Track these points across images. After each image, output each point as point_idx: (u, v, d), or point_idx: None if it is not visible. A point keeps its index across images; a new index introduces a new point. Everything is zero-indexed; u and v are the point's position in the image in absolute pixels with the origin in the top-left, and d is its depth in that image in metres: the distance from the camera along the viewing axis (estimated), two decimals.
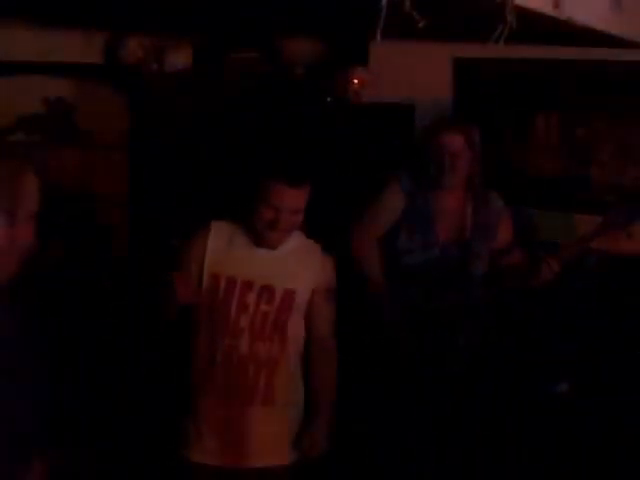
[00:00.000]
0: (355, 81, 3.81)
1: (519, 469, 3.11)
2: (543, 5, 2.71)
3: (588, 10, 2.97)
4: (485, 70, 3.79)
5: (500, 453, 3.08)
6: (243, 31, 3.78)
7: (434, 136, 2.97)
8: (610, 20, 3.15)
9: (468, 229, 2.98)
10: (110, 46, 3.92)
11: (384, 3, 2.22)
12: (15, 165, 1.60)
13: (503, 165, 3.68)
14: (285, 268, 2.45)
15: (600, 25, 3.07)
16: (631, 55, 3.44)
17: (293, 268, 2.46)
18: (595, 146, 3.61)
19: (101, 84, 3.90)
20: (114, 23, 3.79)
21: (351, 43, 3.87)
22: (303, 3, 3.00)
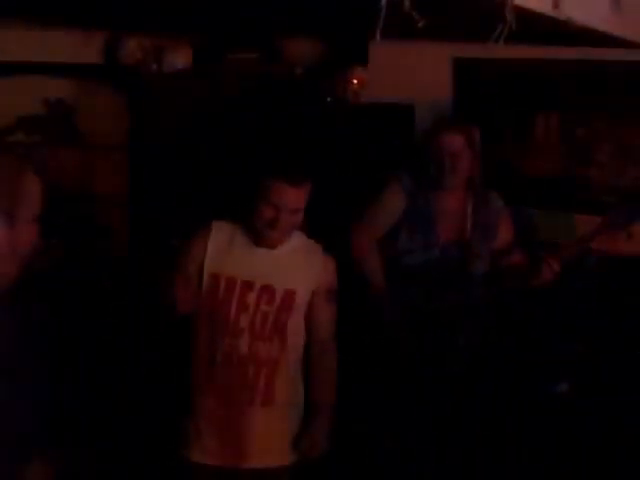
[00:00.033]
0: (355, 81, 3.80)
1: (519, 469, 3.11)
2: (542, 5, 2.70)
3: (588, 10, 2.97)
4: (485, 70, 3.80)
5: (500, 453, 3.08)
6: (243, 31, 3.78)
7: (434, 136, 2.97)
8: (610, 20, 3.15)
9: (468, 229, 2.99)
10: (109, 46, 3.92)
11: (383, 3, 2.22)
12: (17, 167, 1.58)
13: (503, 165, 3.69)
14: (286, 268, 2.44)
15: (600, 25, 3.07)
16: (631, 55, 3.44)
17: (294, 268, 2.46)
18: (595, 146, 3.61)
19: (101, 84, 3.90)
20: (113, 23, 3.79)
21: (351, 43, 3.87)
22: (303, 3, 3.00)
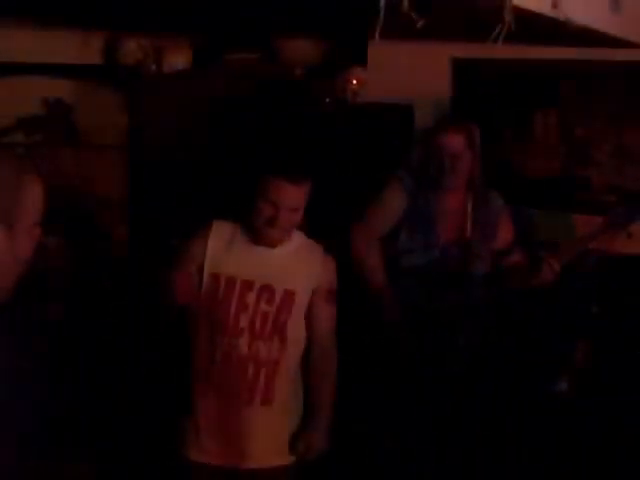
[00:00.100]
0: (354, 81, 3.80)
1: (519, 469, 3.11)
2: (541, 5, 2.70)
3: (587, 10, 2.97)
4: (484, 70, 3.80)
5: (500, 453, 3.07)
6: (242, 31, 3.78)
7: (434, 136, 2.97)
8: (609, 20, 3.15)
9: (468, 229, 2.98)
10: (109, 47, 3.92)
11: (382, 3, 2.22)
12: (16, 171, 1.48)
13: (503, 165, 3.69)
14: (285, 268, 2.44)
15: (599, 25, 3.07)
16: (630, 55, 3.44)
17: (293, 268, 2.45)
18: (594, 146, 3.61)
19: (100, 85, 3.90)
20: (113, 24, 3.79)
21: (350, 43, 3.87)
22: (302, 3, 3.00)
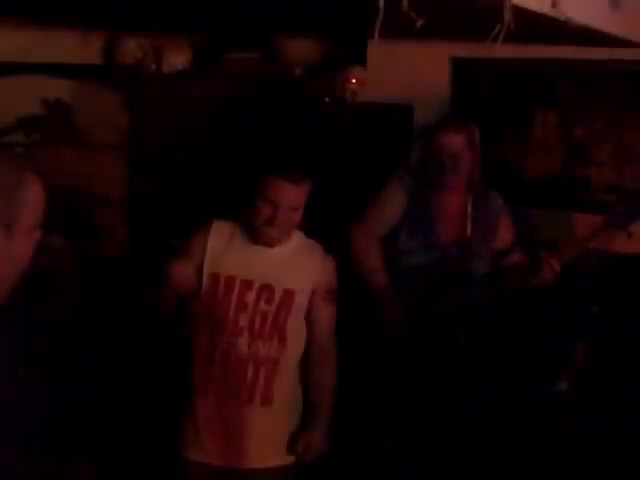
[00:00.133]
0: (353, 81, 3.80)
1: (519, 469, 3.11)
2: (541, 5, 2.70)
3: (586, 10, 2.96)
4: (483, 70, 3.80)
5: (500, 453, 3.07)
6: (242, 31, 3.78)
7: (434, 136, 2.96)
8: (609, 20, 3.14)
9: (468, 229, 2.98)
10: (109, 46, 3.92)
11: (382, 3, 2.21)
12: (16, 171, 1.45)
13: (502, 165, 3.69)
14: (285, 268, 2.44)
15: (599, 25, 3.06)
16: (630, 55, 3.44)
17: (293, 268, 2.45)
18: (594, 146, 3.61)
19: (100, 85, 3.90)
20: (112, 23, 3.79)
21: (349, 43, 3.87)
22: (302, 3, 3.00)
